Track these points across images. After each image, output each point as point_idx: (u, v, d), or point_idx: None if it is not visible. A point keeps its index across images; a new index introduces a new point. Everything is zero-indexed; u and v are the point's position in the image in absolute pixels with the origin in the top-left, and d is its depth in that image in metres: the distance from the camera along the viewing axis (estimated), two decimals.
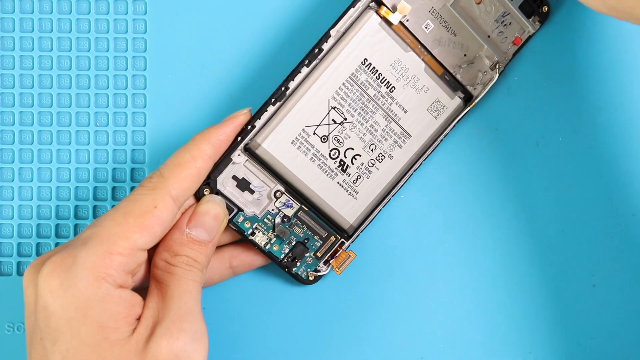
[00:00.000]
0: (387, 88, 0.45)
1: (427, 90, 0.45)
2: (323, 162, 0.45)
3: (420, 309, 0.49)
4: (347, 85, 0.44)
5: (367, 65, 0.44)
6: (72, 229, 0.48)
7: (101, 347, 0.39)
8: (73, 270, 0.39)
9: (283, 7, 0.48)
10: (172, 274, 0.41)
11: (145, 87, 0.48)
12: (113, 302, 0.39)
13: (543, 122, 0.48)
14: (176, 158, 0.42)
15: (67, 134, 0.48)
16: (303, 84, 0.44)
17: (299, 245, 0.46)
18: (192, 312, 0.41)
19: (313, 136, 0.44)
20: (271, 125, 0.43)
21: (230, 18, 0.48)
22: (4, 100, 0.48)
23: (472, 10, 0.45)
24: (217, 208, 0.43)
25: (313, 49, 0.43)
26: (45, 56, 0.48)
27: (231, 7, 0.48)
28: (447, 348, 0.49)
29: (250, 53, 0.48)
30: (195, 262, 0.42)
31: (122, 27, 0.48)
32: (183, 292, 0.41)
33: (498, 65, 0.46)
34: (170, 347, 0.39)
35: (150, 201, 0.41)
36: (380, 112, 0.45)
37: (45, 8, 0.48)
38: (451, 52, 0.45)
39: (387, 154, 0.46)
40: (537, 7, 0.46)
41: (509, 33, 0.46)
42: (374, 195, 0.46)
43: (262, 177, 0.44)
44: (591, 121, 0.48)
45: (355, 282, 0.49)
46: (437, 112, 0.46)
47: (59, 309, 0.39)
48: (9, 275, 0.48)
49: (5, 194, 0.48)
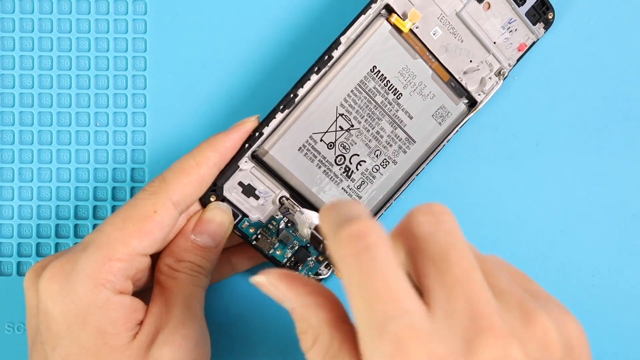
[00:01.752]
0: (394, 95, 0.45)
1: (433, 96, 0.45)
2: (329, 168, 0.45)
3: None
4: (355, 93, 0.44)
5: (375, 72, 0.44)
6: (72, 229, 0.48)
7: (101, 352, 0.39)
8: (73, 276, 0.39)
9: (282, 10, 0.48)
10: (175, 279, 0.41)
11: (145, 87, 0.48)
12: (112, 308, 0.39)
13: (543, 122, 0.49)
14: (180, 164, 0.42)
15: (67, 134, 0.48)
16: (312, 91, 0.43)
17: (302, 249, 0.46)
18: (195, 318, 0.41)
19: (320, 143, 0.44)
20: (279, 132, 0.43)
21: (230, 18, 0.48)
22: (4, 100, 0.47)
23: (480, 17, 0.45)
24: (223, 215, 0.43)
25: (323, 55, 0.43)
26: (45, 56, 0.47)
27: (231, 8, 0.48)
28: None
29: (251, 53, 0.48)
30: (199, 267, 0.42)
31: (122, 27, 0.48)
32: (186, 297, 0.41)
33: (502, 71, 0.46)
34: (172, 353, 0.39)
35: (150, 206, 0.40)
36: (386, 118, 0.45)
37: (45, 8, 0.47)
38: (457, 58, 0.45)
39: (391, 159, 0.46)
40: (543, 14, 0.46)
41: (514, 39, 0.46)
42: (377, 200, 0.47)
43: (267, 183, 0.44)
44: (591, 121, 0.49)
45: None
46: (442, 118, 0.46)
47: (59, 315, 0.39)
48: (9, 275, 0.48)
49: (6, 194, 0.48)
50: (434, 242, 0.30)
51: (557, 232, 0.49)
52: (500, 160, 0.49)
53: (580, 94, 0.49)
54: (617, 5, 0.48)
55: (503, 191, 0.49)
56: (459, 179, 0.49)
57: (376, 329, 0.27)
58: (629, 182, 0.49)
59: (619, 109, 0.49)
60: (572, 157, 0.49)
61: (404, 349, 0.26)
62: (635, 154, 0.49)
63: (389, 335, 0.27)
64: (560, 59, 0.49)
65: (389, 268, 0.28)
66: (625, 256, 0.49)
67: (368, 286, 0.28)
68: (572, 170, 0.49)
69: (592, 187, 0.49)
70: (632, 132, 0.49)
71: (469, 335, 0.27)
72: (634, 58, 0.49)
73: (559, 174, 0.49)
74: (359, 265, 0.28)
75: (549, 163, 0.49)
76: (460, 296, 0.28)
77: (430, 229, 0.30)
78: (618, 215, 0.49)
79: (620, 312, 0.49)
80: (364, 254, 0.28)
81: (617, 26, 0.48)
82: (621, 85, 0.49)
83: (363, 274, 0.28)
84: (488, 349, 0.27)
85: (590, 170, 0.49)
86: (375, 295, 0.28)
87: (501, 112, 0.49)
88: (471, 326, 0.28)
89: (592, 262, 0.49)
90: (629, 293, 0.49)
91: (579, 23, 0.48)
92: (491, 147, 0.49)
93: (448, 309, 0.28)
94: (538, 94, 0.49)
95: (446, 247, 0.30)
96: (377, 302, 0.27)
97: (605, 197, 0.49)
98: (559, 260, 0.49)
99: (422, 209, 0.31)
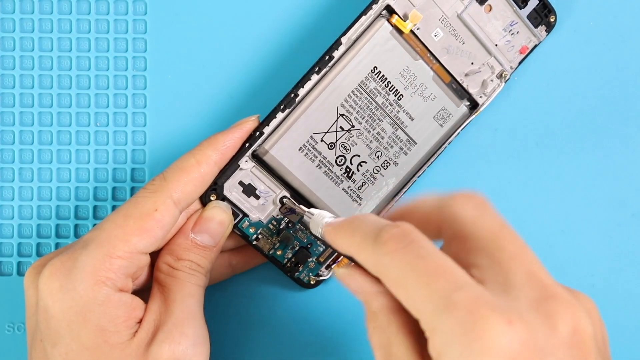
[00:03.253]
0: (395, 96, 0.45)
1: (434, 98, 0.45)
2: (329, 168, 0.45)
3: None
4: (356, 93, 0.44)
5: (376, 73, 0.44)
6: (72, 229, 0.48)
7: (101, 350, 0.39)
8: (73, 273, 0.39)
9: (282, 10, 0.48)
10: (175, 277, 0.41)
11: (145, 87, 0.48)
12: (113, 305, 0.39)
13: (543, 122, 0.49)
14: (181, 162, 0.42)
15: (67, 134, 0.48)
16: (313, 91, 0.43)
17: (302, 250, 0.46)
18: (194, 316, 0.41)
19: (320, 143, 0.44)
20: (280, 132, 0.43)
21: (230, 18, 0.48)
22: (5, 100, 0.47)
23: (481, 19, 0.45)
24: (223, 214, 0.43)
25: (323, 56, 0.43)
26: (45, 56, 0.47)
27: (231, 8, 0.48)
28: None
29: (251, 53, 0.48)
30: (198, 266, 0.42)
31: (122, 27, 0.48)
32: (185, 296, 0.41)
33: (504, 74, 0.46)
34: (172, 351, 0.39)
35: (151, 204, 0.41)
36: (387, 119, 0.45)
37: (46, 8, 0.47)
38: (459, 60, 0.45)
39: (392, 160, 0.46)
40: (545, 17, 0.46)
41: (515, 42, 0.46)
42: (378, 201, 0.47)
43: (268, 183, 0.44)
44: (591, 121, 0.49)
45: None
46: (443, 119, 0.46)
47: (59, 312, 0.39)
48: (9, 275, 0.48)
49: (6, 194, 0.48)
50: (484, 225, 0.32)
51: (557, 232, 0.49)
52: (500, 161, 0.49)
53: (580, 94, 0.49)
54: (617, 6, 0.49)
55: (503, 191, 0.49)
56: (459, 180, 0.49)
57: (441, 304, 0.29)
58: (629, 182, 0.49)
59: (619, 109, 0.49)
60: (572, 157, 0.49)
61: (475, 313, 0.28)
62: (635, 154, 0.49)
63: (456, 304, 0.28)
64: (560, 59, 0.49)
65: (437, 253, 0.30)
66: (625, 256, 0.49)
67: (423, 269, 0.30)
68: (572, 171, 0.49)
69: (592, 187, 0.49)
70: (631, 132, 0.49)
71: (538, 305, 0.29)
72: (634, 58, 0.49)
73: (558, 174, 0.49)
74: (409, 255, 0.30)
75: (549, 163, 0.49)
76: (519, 269, 0.30)
77: (477, 213, 0.33)
78: (618, 215, 0.49)
79: (620, 313, 0.49)
80: (411, 245, 0.31)
81: (618, 27, 0.49)
82: (621, 85, 0.49)
83: (416, 261, 0.30)
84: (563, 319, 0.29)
85: (590, 170, 0.49)
86: (433, 275, 0.29)
87: (501, 112, 0.48)
88: (539, 296, 0.30)
89: (592, 262, 0.49)
90: (628, 293, 0.49)
91: (579, 24, 0.48)
92: (491, 148, 0.49)
93: (507, 283, 0.30)
94: (538, 94, 0.49)
95: (498, 227, 0.32)
96: (436, 281, 0.29)
97: (605, 197, 0.49)
98: (559, 261, 0.49)
99: (462, 197, 0.33)
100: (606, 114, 0.49)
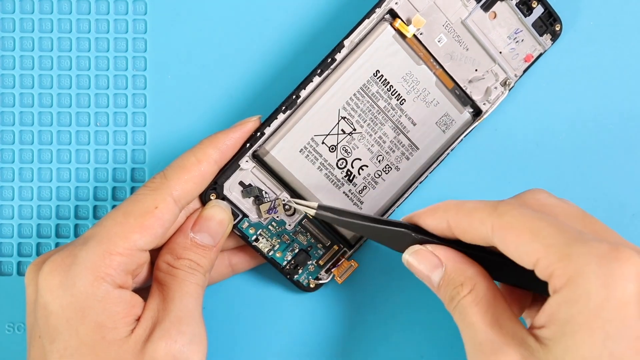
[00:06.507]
0: (397, 100, 0.44)
1: (437, 103, 0.45)
2: (330, 171, 0.45)
3: (420, 319, 0.49)
4: (357, 96, 0.44)
5: (378, 76, 0.44)
6: (72, 229, 0.48)
7: (99, 346, 0.39)
8: (73, 269, 0.39)
9: (284, 12, 0.48)
10: (174, 276, 0.41)
11: (145, 87, 0.48)
12: (112, 302, 0.39)
13: (543, 122, 0.49)
14: (181, 160, 0.42)
15: (67, 134, 0.47)
16: (314, 93, 0.43)
17: (302, 252, 0.46)
18: (192, 315, 0.41)
19: (321, 145, 0.44)
20: (280, 132, 0.43)
21: (231, 18, 0.48)
22: (5, 100, 0.47)
23: (486, 26, 0.45)
24: (223, 213, 0.43)
25: (326, 58, 0.43)
26: (45, 56, 0.47)
27: (232, 8, 0.48)
28: (447, 355, 0.49)
29: (252, 54, 0.48)
30: (198, 265, 0.42)
31: (122, 27, 0.47)
32: (184, 294, 0.41)
33: (508, 81, 0.46)
34: (168, 349, 0.39)
35: (151, 201, 0.41)
36: (389, 123, 0.45)
37: (46, 8, 0.47)
38: (462, 66, 0.45)
39: (394, 165, 0.46)
40: (550, 25, 0.46)
41: (520, 50, 0.46)
42: (379, 206, 0.46)
43: (268, 184, 0.44)
44: (591, 121, 0.49)
45: (356, 291, 0.49)
46: (446, 125, 0.46)
47: (58, 308, 0.39)
48: (9, 275, 0.48)
49: (6, 194, 0.48)
50: (566, 207, 0.39)
51: None
52: (500, 161, 0.49)
53: (580, 94, 0.49)
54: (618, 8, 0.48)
55: (503, 191, 0.49)
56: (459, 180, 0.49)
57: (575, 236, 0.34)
58: (629, 182, 0.49)
59: (619, 109, 0.49)
60: (572, 157, 0.49)
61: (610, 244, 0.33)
62: (635, 154, 0.49)
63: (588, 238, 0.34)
64: (560, 60, 0.48)
65: None
66: None
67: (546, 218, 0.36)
68: (572, 170, 0.49)
69: (592, 187, 0.49)
70: (632, 132, 0.49)
71: None
72: (634, 59, 0.49)
73: (559, 174, 0.49)
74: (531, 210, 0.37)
75: (549, 163, 0.49)
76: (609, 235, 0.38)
77: (555, 200, 0.39)
78: (618, 216, 0.49)
79: None
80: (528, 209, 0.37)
81: (618, 28, 0.48)
82: (621, 85, 0.49)
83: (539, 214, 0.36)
84: None
85: (590, 170, 0.49)
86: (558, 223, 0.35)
87: (501, 112, 0.48)
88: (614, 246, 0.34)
89: None
90: None
91: (579, 24, 0.48)
92: (491, 148, 0.49)
93: None
94: (538, 94, 0.49)
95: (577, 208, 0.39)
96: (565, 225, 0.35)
97: (605, 197, 0.49)
98: None
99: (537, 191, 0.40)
100: (606, 113, 0.49)
